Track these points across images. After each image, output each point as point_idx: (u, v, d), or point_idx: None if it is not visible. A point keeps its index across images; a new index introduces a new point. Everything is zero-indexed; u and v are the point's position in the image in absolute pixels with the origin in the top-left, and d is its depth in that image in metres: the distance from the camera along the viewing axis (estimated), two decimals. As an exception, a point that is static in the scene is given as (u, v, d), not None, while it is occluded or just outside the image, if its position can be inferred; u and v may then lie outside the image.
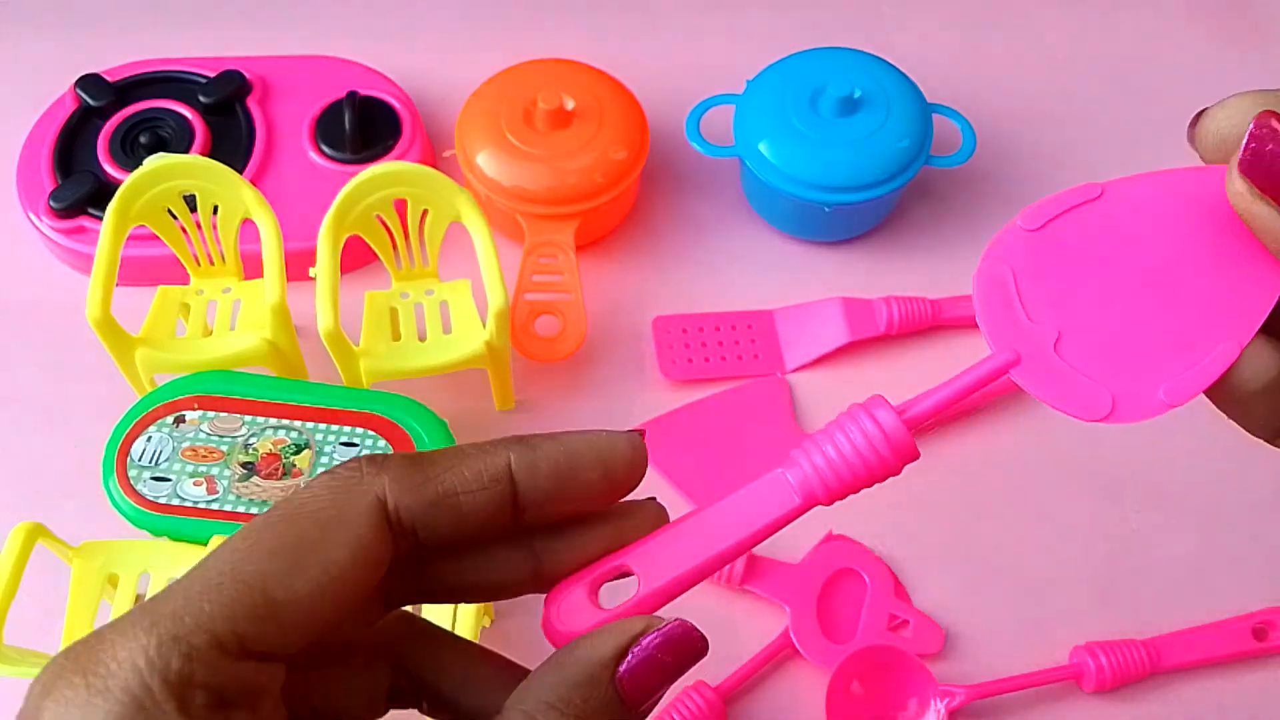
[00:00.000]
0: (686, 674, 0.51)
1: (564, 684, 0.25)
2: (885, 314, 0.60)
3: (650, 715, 0.26)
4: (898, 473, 0.27)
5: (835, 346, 0.60)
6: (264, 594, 0.22)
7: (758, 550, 0.54)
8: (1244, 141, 0.26)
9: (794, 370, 0.61)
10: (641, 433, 0.28)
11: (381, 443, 0.51)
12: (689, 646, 0.25)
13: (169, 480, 0.49)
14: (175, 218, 0.55)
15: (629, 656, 0.25)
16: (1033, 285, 0.28)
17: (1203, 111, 0.30)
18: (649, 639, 0.25)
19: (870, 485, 0.27)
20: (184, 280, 0.57)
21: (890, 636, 0.52)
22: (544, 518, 0.26)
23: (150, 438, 0.50)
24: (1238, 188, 0.27)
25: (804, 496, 0.28)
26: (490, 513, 0.26)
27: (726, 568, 0.53)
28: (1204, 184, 0.29)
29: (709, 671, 0.51)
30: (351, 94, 0.64)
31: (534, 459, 0.26)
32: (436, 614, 0.47)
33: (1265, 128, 0.26)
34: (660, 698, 0.25)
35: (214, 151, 0.64)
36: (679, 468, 0.57)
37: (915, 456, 0.27)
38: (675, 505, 0.56)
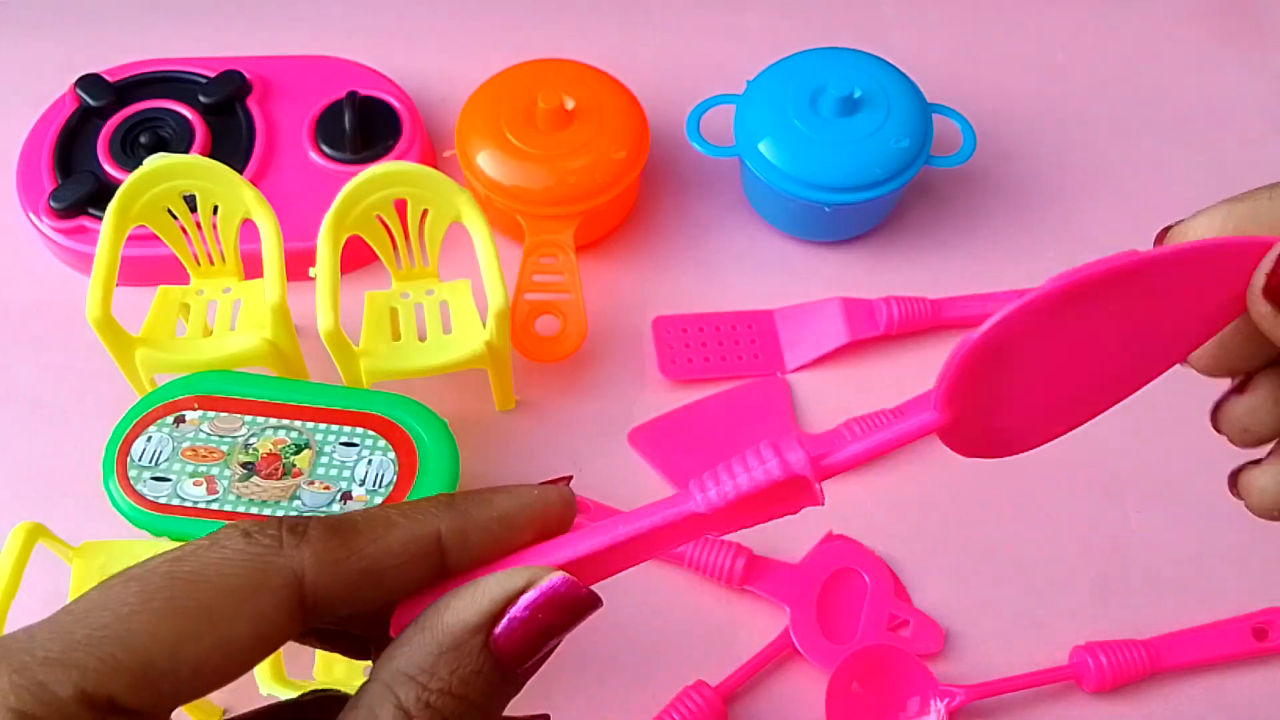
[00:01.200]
0: (687, 674, 0.51)
1: (430, 651, 0.22)
2: (885, 314, 0.60)
3: (652, 718, 0.24)
4: (794, 512, 0.26)
5: (835, 346, 0.60)
6: (146, 661, 0.21)
7: (758, 550, 0.54)
8: (1270, 267, 0.25)
9: (794, 370, 0.60)
10: (568, 479, 0.28)
11: (381, 442, 0.51)
12: (575, 605, 0.23)
13: (169, 480, 0.49)
14: (175, 218, 0.55)
15: (505, 619, 0.23)
16: (1021, 365, 0.26)
17: (1170, 227, 0.29)
18: (529, 598, 0.23)
19: (753, 525, 0.26)
20: (184, 280, 0.57)
21: (890, 636, 0.52)
22: (466, 570, 0.25)
23: (150, 438, 0.50)
24: (1262, 310, 0.25)
25: (692, 526, 0.26)
26: (414, 585, 0.24)
27: (726, 567, 0.52)
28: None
29: (709, 671, 0.51)
30: (351, 94, 0.64)
31: (465, 527, 0.24)
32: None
33: None
34: (547, 657, 0.23)
35: (214, 151, 0.64)
36: (679, 468, 0.57)
37: (817, 503, 0.26)
38: (675, 505, 0.56)
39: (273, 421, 0.51)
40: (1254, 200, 0.27)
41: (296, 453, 0.50)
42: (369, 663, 0.40)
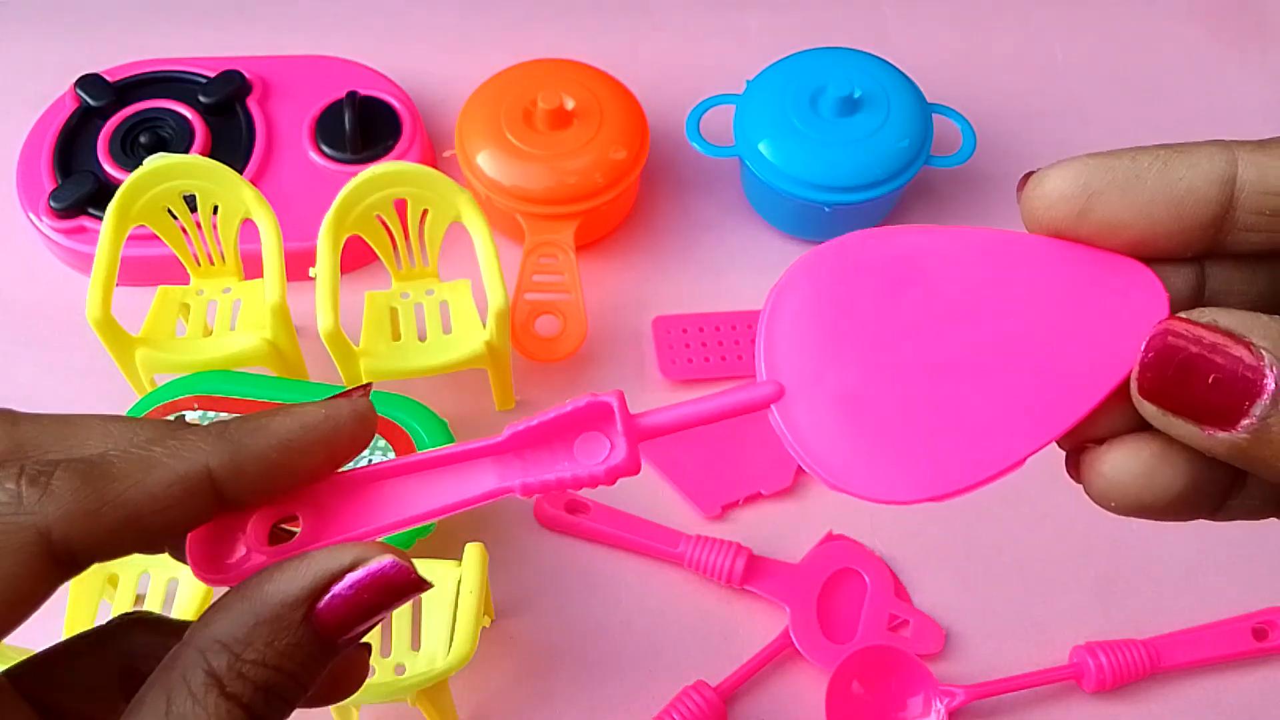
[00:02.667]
0: (687, 673, 0.51)
1: (246, 621, 0.22)
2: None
3: (652, 718, 0.24)
4: (610, 483, 0.25)
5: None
6: None
7: (758, 550, 0.54)
8: (1139, 359, 0.23)
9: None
10: (366, 389, 0.25)
11: (381, 442, 0.51)
12: (401, 586, 0.22)
13: (169, 480, 0.49)
14: (175, 218, 0.55)
15: (329, 595, 0.22)
16: (837, 316, 0.24)
17: (1031, 172, 0.27)
18: (355, 577, 0.22)
19: (577, 489, 0.25)
20: (184, 280, 0.57)
21: (890, 636, 0.52)
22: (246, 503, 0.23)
23: (150, 438, 0.50)
24: (1149, 411, 0.23)
25: (500, 484, 0.24)
26: (185, 524, 0.22)
27: (726, 567, 0.52)
28: (1076, 269, 0.25)
29: (709, 671, 0.51)
30: (351, 94, 0.64)
31: (239, 460, 0.22)
32: (435, 614, 0.47)
33: (1165, 348, 0.23)
34: (369, 630, 0.23)
35: (214, 151, 0.64)
36: (678, 468, 0.57)
37: (634, 472, 0.24)
38: (674, 505, 0.56)
39: (273, 421, 0.51)
40: (1114, 160, 0.25)
41: (296, 453, 0.50)
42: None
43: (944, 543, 0.56)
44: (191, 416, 0.51)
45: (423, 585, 0.23)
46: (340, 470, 0.24)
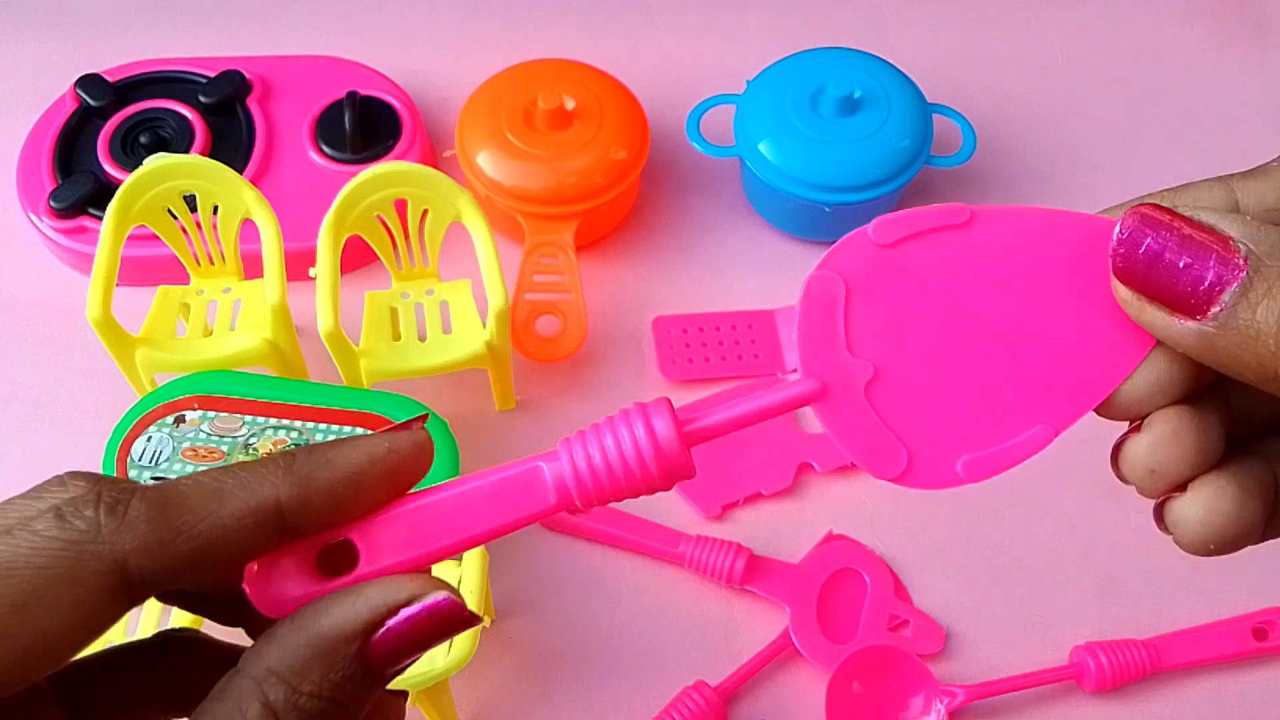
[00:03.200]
0: (687, 673, 0.51)
1: (302, 654, 0.22)
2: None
3: (653, 718, 0.24)
4: (666, 489, 0.25)
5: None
6: None
7: (758, 550, 0.54)
8: (1112, 243, 0.23)
9: (794, 370, 0.61)
10: (423, 419, 0.25)
11: (381, 443, 0.51)
12: (454, 621, 0.23)
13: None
14: (175, 218, 0.55)
15: (384, 629, 0.22)
16: (865, 309, 0.25)
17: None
18: (411, 613, 0.22)
19: (634, 497, 0.25)
20: (184, 280, 0.57)
21: (890, 636, 0.52)
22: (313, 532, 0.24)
23: (150, 438, 0.50)
24: (1123, 295, 0.24)
25: (559, 498, 0.25)
26: (251, 555, 0.23)
27: (726, 567, 0.53)
28: (1086, 233, 0.25)
29: (709, 671, 0.51)
30: (351, 94, 0.64)
31: (307, 494, 0.23)
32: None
33: (1133, 228, 0.23)
34: (415, 660, 0.23)
35: (214, 151, 0.64)
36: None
37: (689, 475, 0.25)
38: (674, 506, 0.56)
39: (273, 421, 0.51)
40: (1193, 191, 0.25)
41: (296, 453, 0.50)
42: None
43: (944, 543, 0.56)
44: (191, 416, 0.51)
45: (473, 620, 0.23)
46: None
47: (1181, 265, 0.22)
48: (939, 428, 0.25)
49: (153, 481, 0.49)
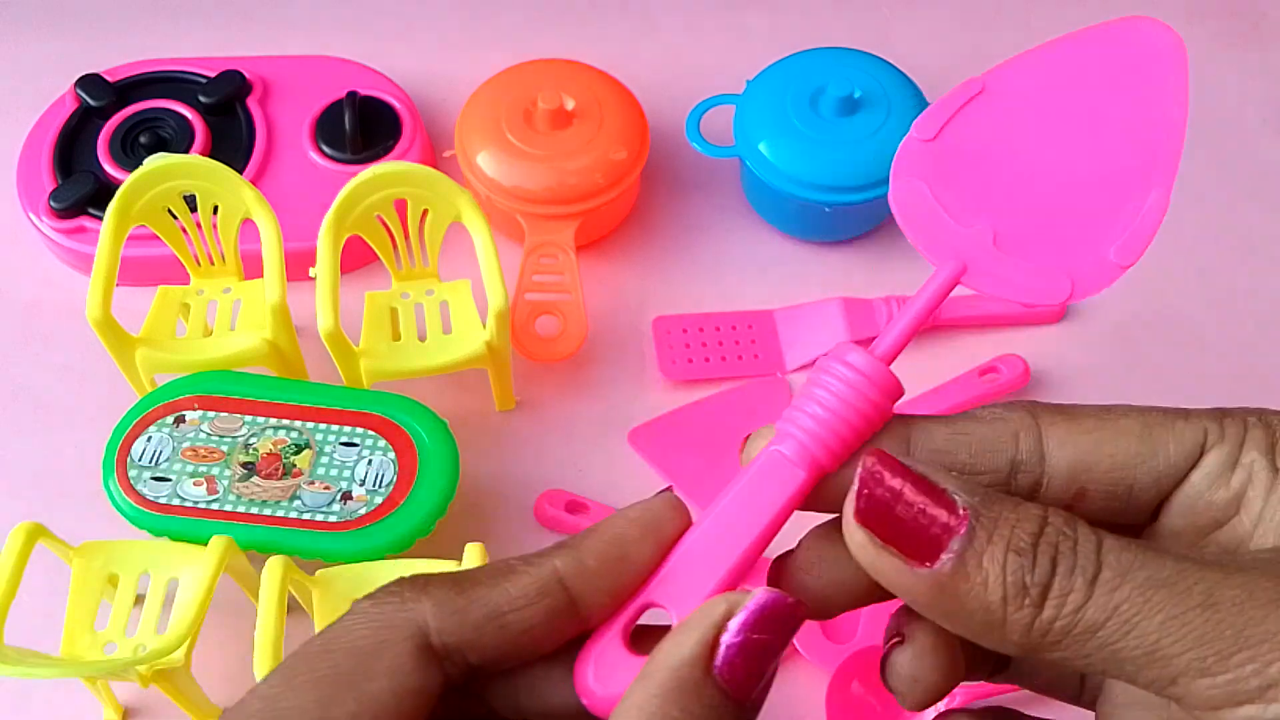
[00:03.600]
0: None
1: (653, 698, 0.22)
2: (885, 314, 0.60)
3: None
4: (889, 414, 0.26)
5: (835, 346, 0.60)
6: None
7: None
8: (855, 488, 0.24)
9: (794, 370, 0.61)
10: (670, 488, 0.28)
11: (381, 442, 0.51)
12: (786, 616, 0.23)
13: (169, 480, 0.49)
14: (175, 218, 0.55)
15: (723, 649, 0.22)
16: (950, 191, 0.28)
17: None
18: (738, 621, 0.22)
19: (869, 435, 0.26)
20: (184, 280, 0.57)
21: None
22: (606, 610, 0.25)
23: (150, 438, 0.50)
24: (858, 540, 0.24)
25: (808, 468, 0.25)
26: (545, 627, 0.24)
27: None
28: (1079, 50, 0.32)
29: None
30: (351, 94, 0.64)
31: (580, 558, 0.25)
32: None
33: (874, 474, 0.24)
34: (771, 681, 0.23)
35: (214, 151, 0.64)
36: (679, 468, 0.57)
37: (901, 391, 0.26)
38: (675, 505, 0.56)
39: (273, 421, 0.51)
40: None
41: (296, 453, 0.50)
42: None
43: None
44: (191, 416, 0.51)
45: (803, 610, 0.23)
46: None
47: (915, 512, 0.23)
48: (1072, 240, 0.27)
49: (154, 482, 0.49)
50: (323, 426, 0.51)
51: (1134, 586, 0.22)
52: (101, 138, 0.63)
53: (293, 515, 0.49)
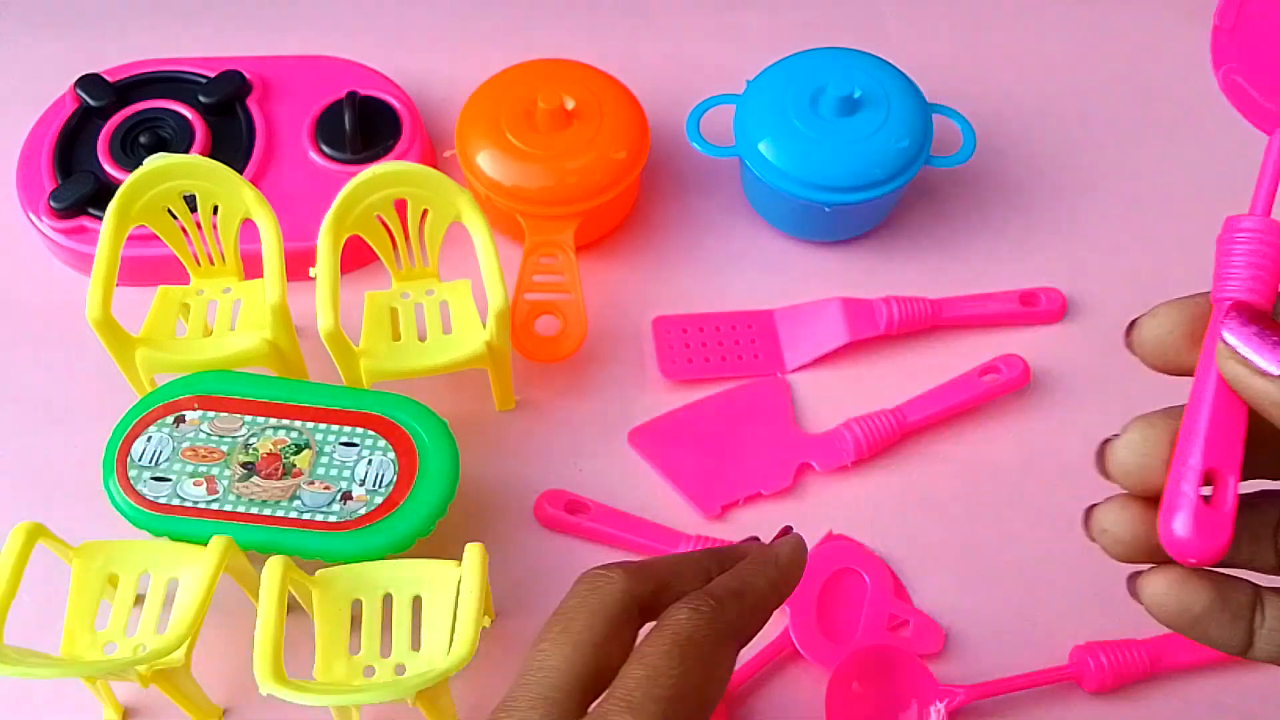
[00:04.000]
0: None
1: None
2: (885, 314, 0.60)
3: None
4: None
5: (835, 346, 0.60)
6: (560, 688, 0.33)
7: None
8: (1220, 329, 0.30)
9: (794, 370, 0.61)
10: (788, 530, 0.41)
11: (381, 442, 0.51)
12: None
13: (169, 480, 0.49)
14: (175, 218, 0.55)
15: None
16: (1258, 72, 0.31)
17: (1135, 321, 0.32)
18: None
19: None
20: (184, 280, 0.57)
21: (890, 636, 0.52)
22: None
23: (150, 438, 0.50)
24: (1231, 370, 0.29)
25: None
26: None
27: None
28: None
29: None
30: (351, 94, 0.64)
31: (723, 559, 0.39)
32: (435, 615, 0.47)
33: (1236, 316, 0.30)
34: None
35: (214, 151, 0.64)
36: (678, 468, 0.57)
37: None
38: (674, 506, 0.56)
39: (273, 421, 0.51)
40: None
41: (296, 453, 0.50)
42: (369, 663, 0.45)
43: (944, 543, 0.56)
44: (191, 416, 0.51)
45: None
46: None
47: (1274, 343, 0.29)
48: None
49: (154, 482, 0.49)
50: (323, 426, 0.51)
51: None
52: (101, 138, 0.63)
53: (292, 515, 0.49)
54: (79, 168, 0.63)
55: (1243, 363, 0.29)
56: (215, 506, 0.49)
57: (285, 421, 0.51)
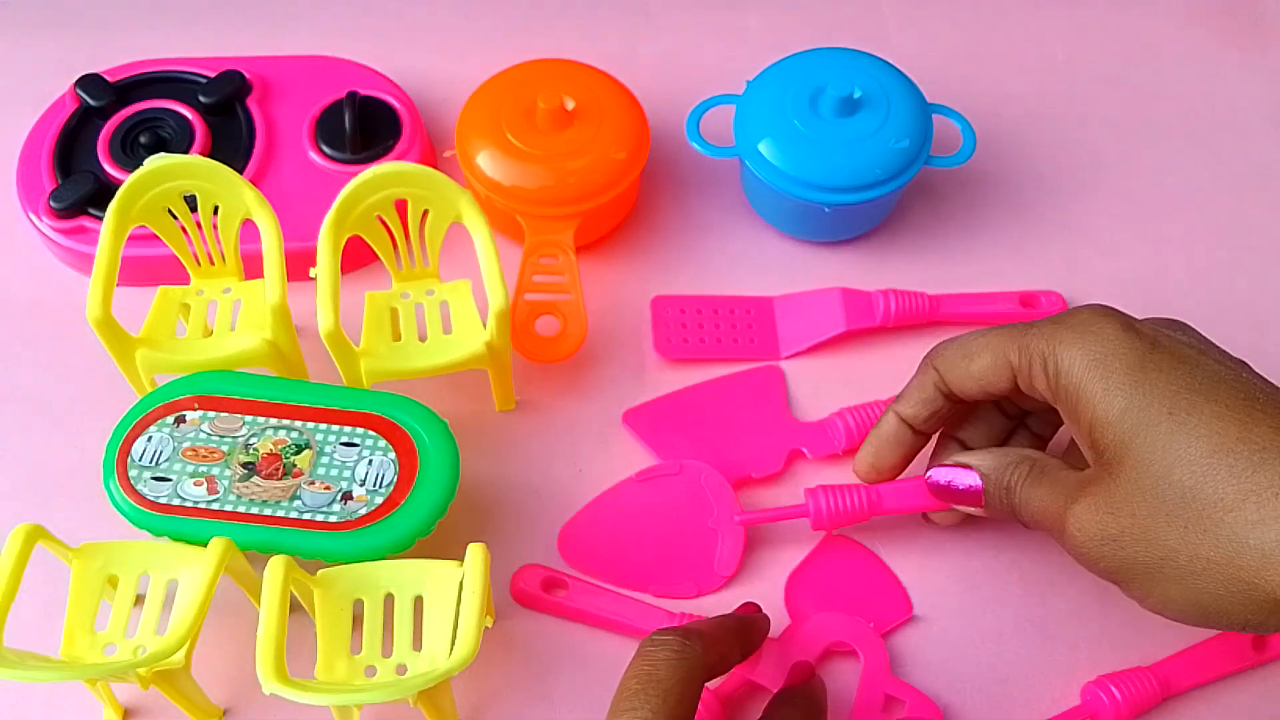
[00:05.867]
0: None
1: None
2: (883, 305, 0.60)
3: None
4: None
5: (831, 335, 0.60)
6: None
7: (751, 542, 0.54)
8: (929, 484, 0.51)
9: (790, 356, 0.61)
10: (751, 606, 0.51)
11: (382, 443, 0.51)
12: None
13: (169, 480, 0.49)
14: (175, 218, 0.55)
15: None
16: None
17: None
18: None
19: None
20: (184, 280, 0.57)
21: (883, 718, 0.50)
22: None
23: (150, 438, 0.50)
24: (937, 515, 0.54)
25: None
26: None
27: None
28: None
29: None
30: (351, 94, 0.64)
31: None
32: (437, 615, 0.47)
33: (933, 482, 0.51)
34: None
35: (214, 151, 0.64)
36: (671, 450, 0.56)
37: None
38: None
39: (273, 421, 0.51)
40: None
41: (297, 453, 0.50)
42: (370, 663, 0.45)
43: (943, 543, 0.55)
44: (191, 416, 0.51)
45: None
46: None
47: (962, 489, 0.50)
48: None
49: (154, 482, 0.49)
50: (323, 426, 0.51)
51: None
52: (101, 138, 0.63)
53: (293, 515, 0.49)
54: (79, 168, 0.63)
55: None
56: (215, 506, 0.49)
57: (285, 421, 0.51)
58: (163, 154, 0.54)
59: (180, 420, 0.51)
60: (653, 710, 0.39)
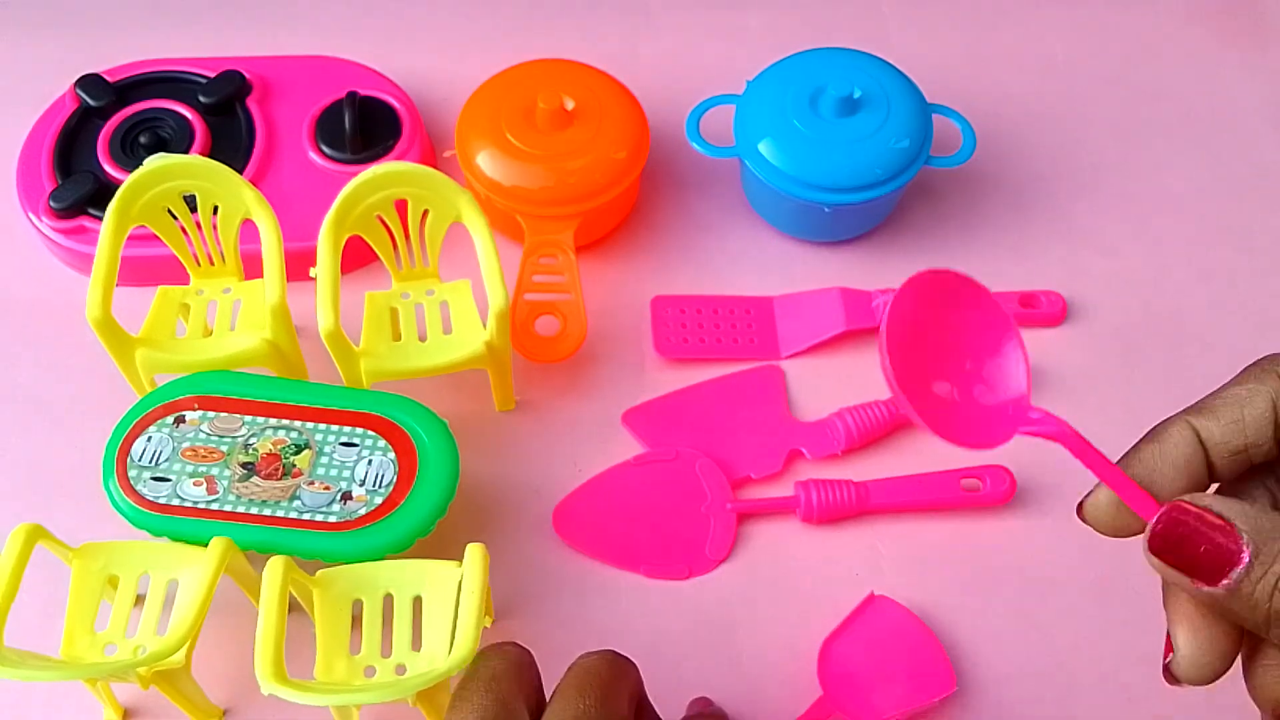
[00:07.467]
0: (689, 673, 0.51)
1: None
2: (883, 305, 0.60)
3: None
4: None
5: (831, 335, 0.60)
6: None
7: (767, 574, 0.53)
8: (1151, 527, 0.31)
9: (789, 356, 0.61)
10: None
11: (381, 443, 0.51)
12: None
13: (169, 480, 0.49)
14: (175, 218, 0.55)
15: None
16: None
17: (1081, 504, 0.35)
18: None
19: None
20: (184, 280, 0.57)
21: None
22: None
23: (150, 438, 0.50)
24: (1155, 564, 0.31)
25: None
26: None
27: None
28: None
29: (710, 669, 0.51)
30: (351, 94, 0.64)
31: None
32: (436, 615, 0.47)
33: (1171, 521, 0.31)
34: None
35: (214, 151, 0.64)
36: (670, 448, 0.57)
37: None
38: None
39: (273, 421, 0.51)
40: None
41: (296, 453, 0.50)
42: (370, 663, 0.45)
43: (942, 542, 0.55)
44: (191, 416, 0.51)
45: None
46: None
47: (1202, 550, 0.30)
48: None
49: (154, 482, 0.49)
50: (323, 426, 0.51)
51: None
52: (101, 138, 0.63)
53: (292, 515, 0.49)
54: (79, 168, 0.63)
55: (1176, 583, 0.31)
56: (215, 506, 0.49)
57: (285, 421, 0.51)
58: (162, 154, 0.54)
59: (180, 420, 0.51)
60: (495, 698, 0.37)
